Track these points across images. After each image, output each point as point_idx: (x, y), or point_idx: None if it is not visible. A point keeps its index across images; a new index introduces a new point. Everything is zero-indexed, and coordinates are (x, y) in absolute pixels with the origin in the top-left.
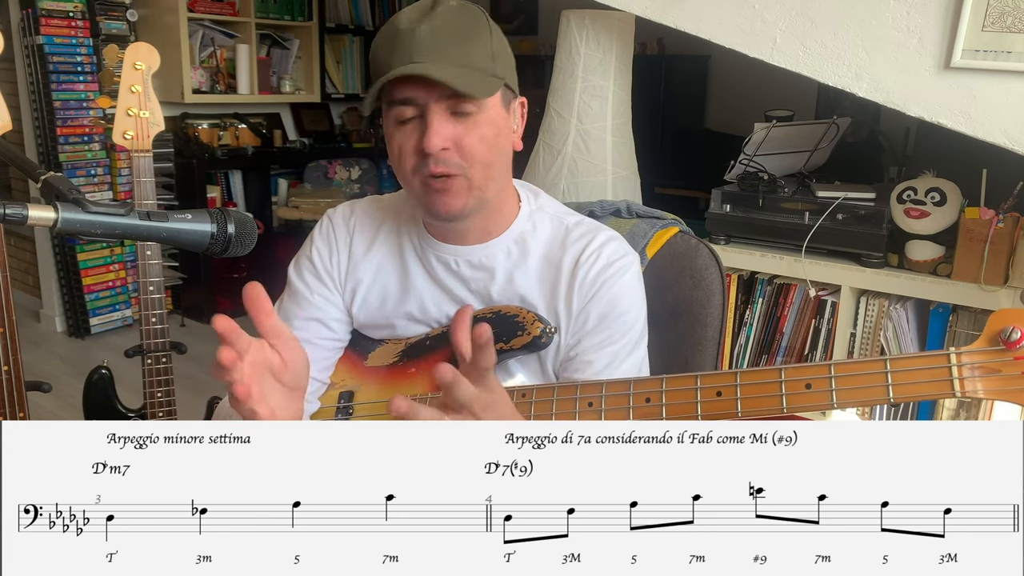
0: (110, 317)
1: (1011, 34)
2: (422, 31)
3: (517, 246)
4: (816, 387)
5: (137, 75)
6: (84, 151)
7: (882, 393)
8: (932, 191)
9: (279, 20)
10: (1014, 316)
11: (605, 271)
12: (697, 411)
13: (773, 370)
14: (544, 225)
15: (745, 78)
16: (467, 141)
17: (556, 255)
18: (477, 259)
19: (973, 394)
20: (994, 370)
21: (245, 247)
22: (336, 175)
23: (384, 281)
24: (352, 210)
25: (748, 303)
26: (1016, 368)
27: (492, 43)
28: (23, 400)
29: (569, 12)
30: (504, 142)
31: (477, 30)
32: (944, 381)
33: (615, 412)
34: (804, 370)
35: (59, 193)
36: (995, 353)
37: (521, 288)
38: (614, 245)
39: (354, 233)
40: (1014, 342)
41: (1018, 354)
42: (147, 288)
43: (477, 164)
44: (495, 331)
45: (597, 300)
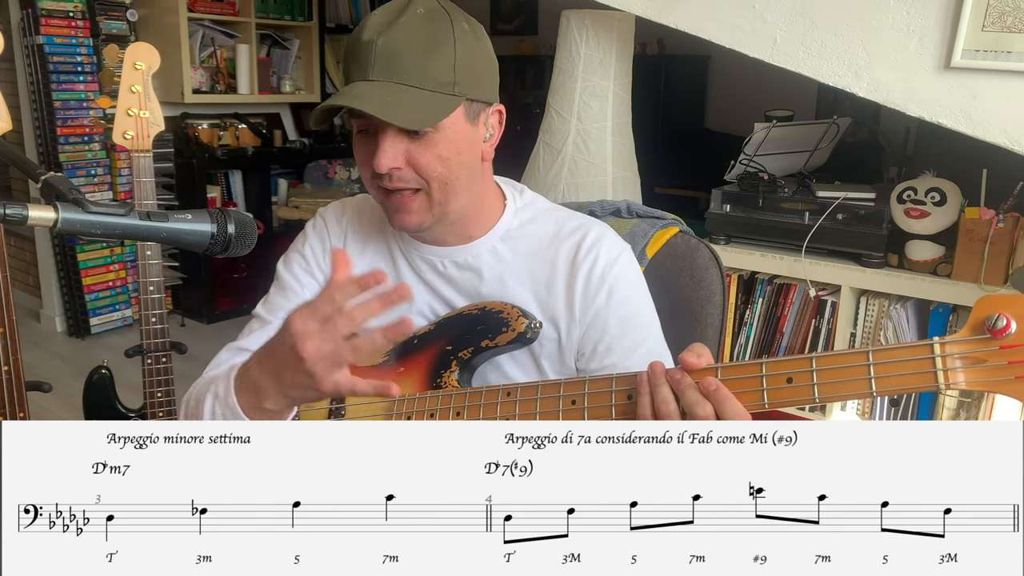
0: (110, 317)
1: (1011, 34)
2: (381, 44)
3: (504, 244)
4: (798, 381)
5: (137, 75)
6: (84, 151)
7: (864, 387)
8: (932, 191)
9: (279, 20)
10: (1000, 303)
11: (610, 270)
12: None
13: (754, 364)
14: (532, 222)
15: (745, 78)
16: (422, 160)
17: (548, 251)
18: (463, 259)
19: (958, 386)
20: (980, 360)
21: (245, 247)
22: (336, 175)
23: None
24: (343, 209)
25: (748, 303)
26: (1002, 358)
27: (456, 55)
28: (23, 400)
29: (569, 12)
30: (467, 157)
31: (440, 41)
32: (928, 373)
33: (598, 410)
34: (785, 363)
35: (59, 193)
36: (980, 342)
37: (512, 287)
38: (609, 239)
39: (347, 233)
40: (1000, 330)
41: (1004, 343)
42: (147, 288)
43: (435, 181)
44: (480, 328)
45: (612, 302)
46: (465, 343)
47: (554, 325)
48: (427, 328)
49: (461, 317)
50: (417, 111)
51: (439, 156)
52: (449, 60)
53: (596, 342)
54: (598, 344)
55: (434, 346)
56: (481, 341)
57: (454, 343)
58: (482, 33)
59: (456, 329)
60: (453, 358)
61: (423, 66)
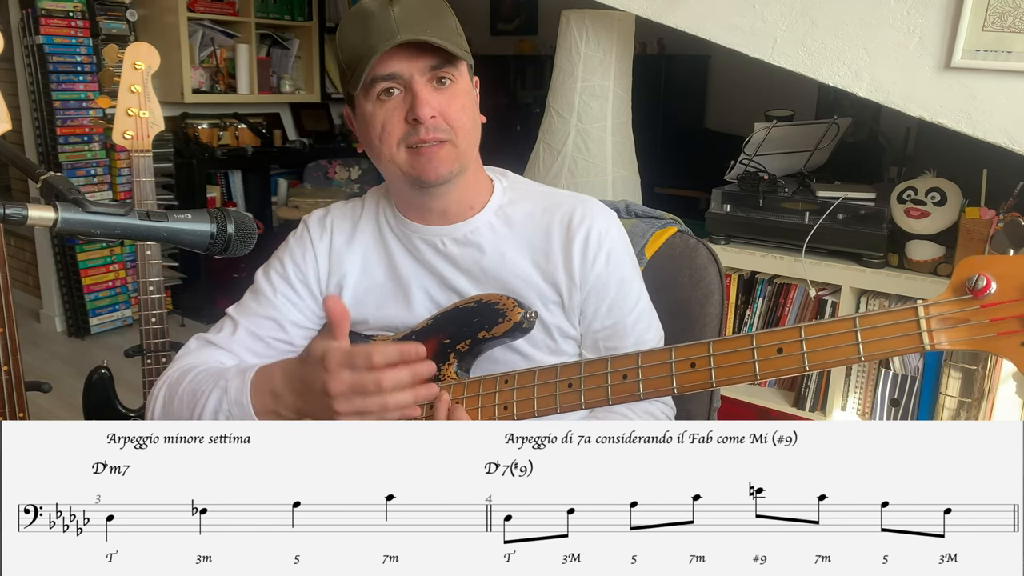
0: (110, 317)
1: (1011, 34)
2: (396, 10)
3: (499, 218)
4: (788, 351)
5: (137, 75)
6: (84, 151)
7: (853, 352)
8: (932, 191)
9: (279, 20)
10: (979, 264)
11: (606, 236)
12: (673, 384)
13: (745, 337)
14: (521, 199)
15: (745, 78)
16: (450, 109)
17: (542, 222)
18: (462, 235)
19: (941, 346)
20: (962, 320)
21: (245, 247)
22: (336, 175)
23: (371, 272)
24: (327, 212)
25: (748, 303)
26: (983, 316)
27: (455, 22)
28: (23, 400)
29: (569, 12)
30: (475, 113)
31: (442, 7)
32: (913, 335)
33: (594, 391)
34: (775, 335)
35: (59, 193)
36: (962, 303)
37: (512, 257)
38: (599, 208)
39: (332, 230)
40: (980, 290)
41: (985, 302)
42: (147, 288)
43: (460, 130)
44: (477, 320)
45: (611, 266)
46: (463, 336)
47: (556, 289)
48: (424, 324)
49: (457, 311)
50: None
51: (462, 105)
52: (454, 24)
53: (598, 304)
54: (600, 306)
55: (432, 340)
56: (478, 333)
57: (451, 336)
58: None
59: (453, 323)
60: (451, 351)
61: (440, 25)
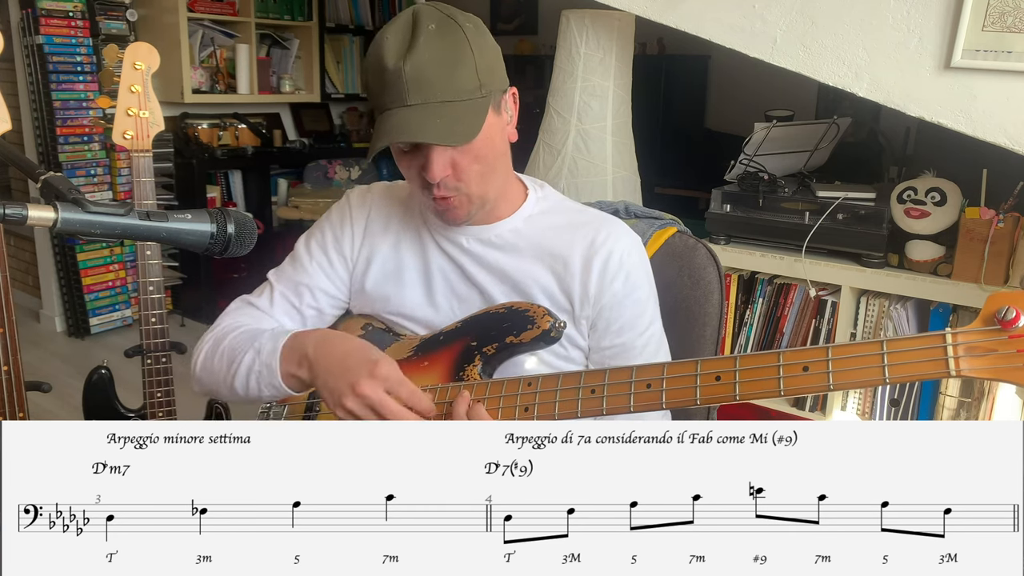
0: (110, 317)
1: (1011, 34)
2: (409, 70)
3: (527, 225)
4: (813, 369)
5: (137, 75)
6: (84, 151)
7: (878, 374)
8: (932, 191)
9: (279, 20)
10: (1010, 297)
11: (628, 258)
12: (696, 395)
13: (771, 354)
14: (552, 209)
15: (745, 78)
16: (463, 165)
17: (566, 234)
18: (487, 237)
19: (968, 373)
20: (990, 350)
21: (245, 247)
22: (336, 175)
23: (401, 253)
24: (370, 189)
25: (748, 303)
26: (1011, 347)
27: (475, 59)
28: (23, 400)
29: (569, 12)
30: (500, 145)
31: (459, 52)
32: (939, 360)
33: (617, 399)
34: (802, 353)
35: (59, 193)
36: (990, 333)
37: (530, 260)
38: (624, 230)
39: (371, 209)
40: (1009, 321)
41: (1013, 333)
42: (147, 288)
43: (474, 182)
44: (506, 326)
45: (628, 288)
46: (491, 339)
47: (568, 298)
48: (454, 325)
49: (487, 316)
50: (461, 126)
51: (477, 156)
52: (471, 67)
53: (609, 322)
54: (611, 324)
55: (459, 342)
56: (506, 337)
57: (479, 339)
58: (483, 26)
59: (482, 326)
60: (477, 353)
61: (453, 81)
